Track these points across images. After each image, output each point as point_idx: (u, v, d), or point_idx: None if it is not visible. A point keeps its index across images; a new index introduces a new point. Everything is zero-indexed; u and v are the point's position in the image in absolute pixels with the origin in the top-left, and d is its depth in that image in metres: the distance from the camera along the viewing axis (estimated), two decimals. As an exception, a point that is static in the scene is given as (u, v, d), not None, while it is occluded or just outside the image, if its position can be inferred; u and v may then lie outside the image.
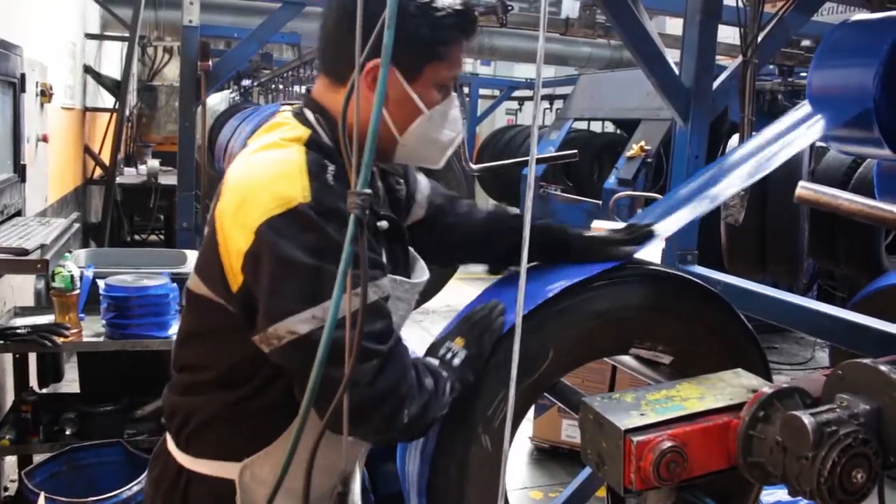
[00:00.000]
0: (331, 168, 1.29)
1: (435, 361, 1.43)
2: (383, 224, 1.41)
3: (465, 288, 5.36)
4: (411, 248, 1.59)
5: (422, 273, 1.57)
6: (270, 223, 1.21)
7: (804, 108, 1.98)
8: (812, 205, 1.14)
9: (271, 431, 1.37)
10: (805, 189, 1.12)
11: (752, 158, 1.90)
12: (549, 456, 4.30)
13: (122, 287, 3.00)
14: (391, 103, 1.35)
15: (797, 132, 1.90)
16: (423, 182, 1.76)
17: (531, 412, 4.25)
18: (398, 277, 1.42)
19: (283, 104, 1.57)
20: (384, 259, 1.39)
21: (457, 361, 1.43)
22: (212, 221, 1.33)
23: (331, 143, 1.36)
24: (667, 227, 1.76)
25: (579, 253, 1.66)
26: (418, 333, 2.14)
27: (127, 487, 2.70)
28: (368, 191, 0.97)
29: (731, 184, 1.84)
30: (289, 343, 1.22)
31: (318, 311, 1.20)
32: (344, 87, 1.36)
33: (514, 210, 1.84)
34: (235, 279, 1.27)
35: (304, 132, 1.36)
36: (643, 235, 1.71)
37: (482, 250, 1.78)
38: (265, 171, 1.29)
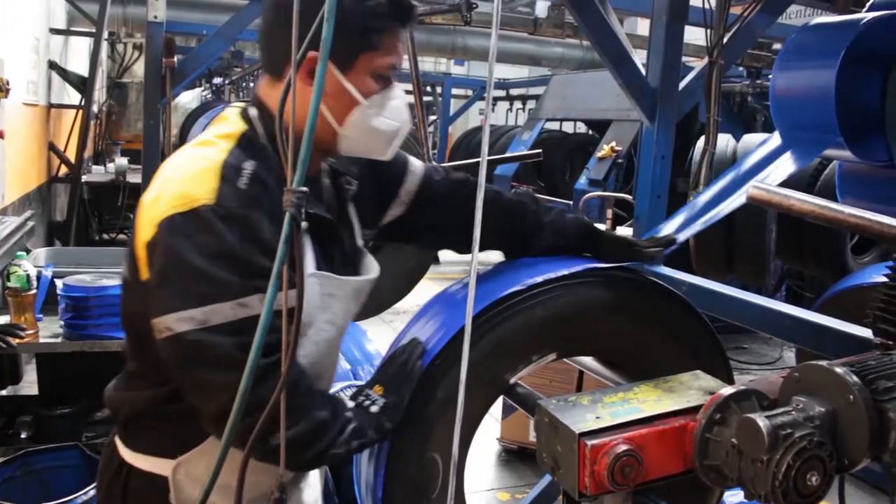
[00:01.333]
0: (248, 170, 1.28)
1: (350, 403, 1.39)
2: (303, 224, 1.36)
3: (436, 288, 5.32)
4: (362, 246, 1.58)
5: (367, 270, 1.55)
6: (171, 220, 1.23)
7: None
8: (764, 205, 1.13)
9: (198, 432, 1.34)
10: (757, 189, 1.11)
11: (767, 166, 1.92)
12: (516, 457, 4.29)
13: (81, 287, 2.94)
14: (328, 96, 1.33)
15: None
16: (415, 175, 1.72)
17: (499, 413, 4.24)
18: (327, 274, 1.40)
19: (239, 100, 1.55)
20: (309, 258, 1.37)
21: (374, 409, 1.40)
22: (137, 209, 1.35)
23: (265, 141, 1.36)
24: (684, 235, 1.91)
25: (605, 251, 1.73)
26: (388, 334, 2.12)
27: (83, 492, 2.63)
28: (305, 189, 0.94)
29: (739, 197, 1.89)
30: (165, 339, 1.22)
31: (198, 314, 1.19)
32: (281, 81, 1.36)
33: (540, 201, 1.83)
34: (144, 268, 1.29)
35: (240, 128, 1.37)
36: (666, 243, 1.84)
37: (505, 240, 1.79)
38: (183, 167, 1.31)
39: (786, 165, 1.87)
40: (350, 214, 1.57)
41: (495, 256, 1.83)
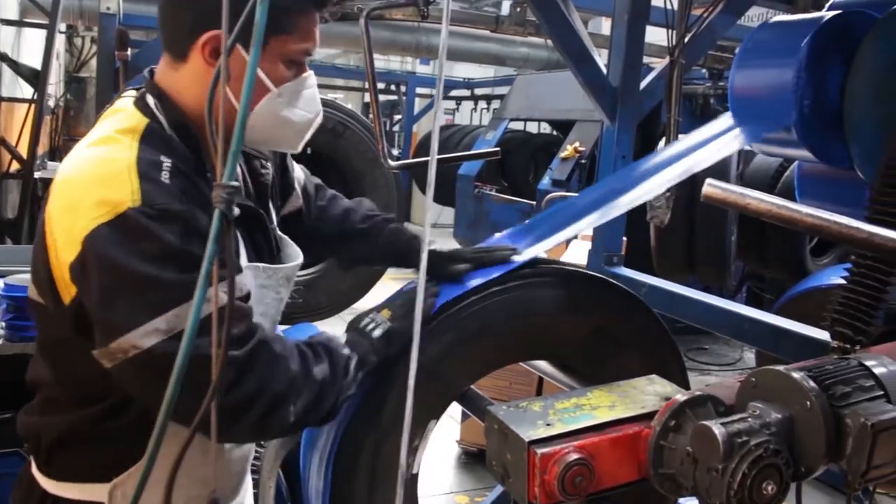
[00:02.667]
0: (166, 164, 1.18)
1: (342, 338, 1.35)
2: (235, 212, 1.30)
3: (396, 287, 5.27)
4: (280, 233, 1.51)
5: (292, 258, 1.48)
6: (97, 232, 1.11)
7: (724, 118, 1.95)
8: (719, 204, 1.09)
9: (140, 447, 1.24)
10: (712, 188, 1.07)
11: (666, 168, 1.85)
12: (476, 459, 4.24)
13: (23, 287, 2.82)
14: (233, 80, 1.19)
15: (719, 141, 1.87)
16: (297, 170, 1.68)
17: (458, 415, 4.19)
18: (261, 265, 1.34)
19: (127, 87, 1.44)
20: (241, 250, 1.31)
21: (377, 332, 1.36)
22: (41, 224, 1.21)
23: (171, 132, 1.25)
24: (532, 252, 1.65)
25: (415, 262, 1.57)
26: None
27: (23, 500, 2.53)
28: (236, 182, 0.88)
29: (645, 192, 1.80)
30: (133, 358, 1.11)
31: (162, 323, 1.10)
32: (183, 62, 1.27)
33: (368, 208, 1.75)
34: (67, 290, 1.16)
35: (141, 121, 1.24)
36: (494, 260, 1.61)
37: (334, 247, 1.74)
38: (91, 172, 1.17)
39: (720, 148, 1.81)
40: (268, 201, 1.50)
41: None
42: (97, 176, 1.16)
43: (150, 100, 1.28)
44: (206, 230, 1.14)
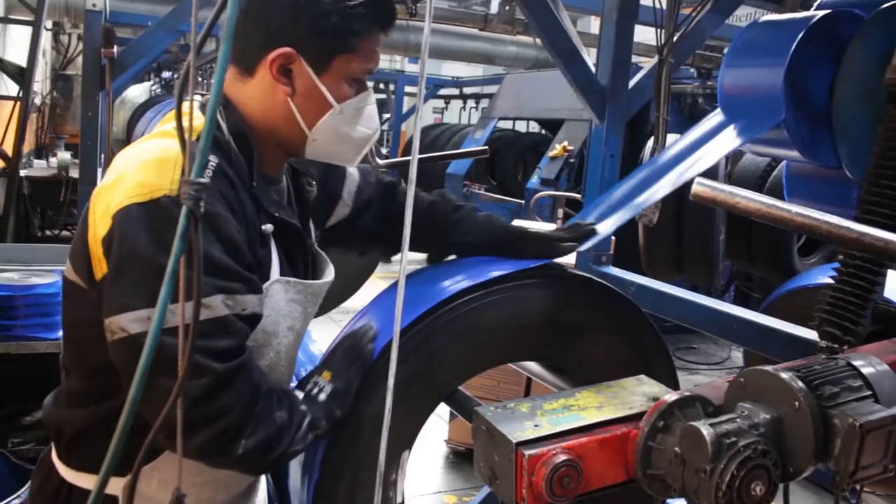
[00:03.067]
0: (212, 163, 1.20)
1: (300, 395, 1.34)
2: (268, 227, 1.32)
3: (384, 286, 5.26)
4: (318, 248, 1.53)
5: (326, 275, 1.50)
6: (128, 210, 1.14)
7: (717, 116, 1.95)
8: (708, 203, 1.09)
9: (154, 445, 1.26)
10: (701, 186, 1.06)
11: (683, 160, 1.86)
12: (464, 459, 4.23)
13: (7, 285, 2.81)
14: (298, 96, 1.29)
15: (726, 132, 1.87)
16: (353, 176, 1.68)
17: (446, 415, 4.19)
18: (293, 279, 1.34)
19: (197, 93, 1.47)
20: (274, 263, 1.32)
21: (322, 397, 1.34)
22: (88, 202, 1.24)
23: (229, 137, 1.28)
24: (607, 226, 1.72)
25: (515, 247, 1.63)
26: (336, 333, 2.05)
27: (6, 501, 2.51)
28: (203, 180, 0.87)
29: (664, 185, 1.80)
30: (118, 340, 1.13)
31: (153, 313, 1.10)
32: (250, 76, 1.31)
33: (454, 199, 1.75)
34: (100, 266, 1.19)
35: (201, 122, 1.25)
36: (584, 234, 1.70)
37: (421, 241, 1.68)
38: (142, 156, 1.21)
39: (717, 148, 1.83)
40: (309, 217, 1.52)
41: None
42: (146, 161, 1.19)
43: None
44: (232, 238, 1.18)
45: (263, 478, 1.68)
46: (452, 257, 1.72)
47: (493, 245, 1.65)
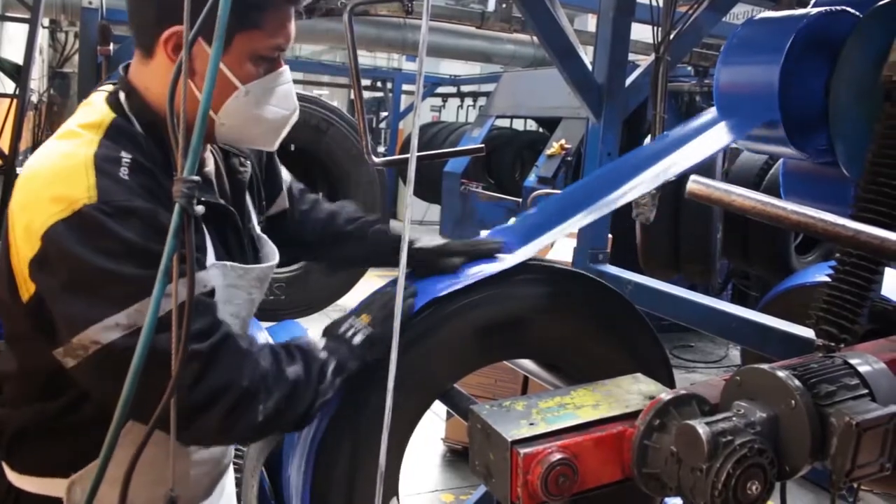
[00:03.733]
0: (126, 159, 1.16)
1: (320, 342, 1.32)
2: (199, 209, 1.28)
3: (380, 283, 5.25)
4: (259, 232, 1.49)
5: (268, 258, 1.47)
6: (55, 229, 1.10)
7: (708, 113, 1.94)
8: (704, 201, 1.08)
9: (99, 444, 1.23)
10: (696, 184, 1.06)
11: (652, 164, 1.83)
12: (461, 457, 4.23)
13: None
14: (198, 77, 1.19)
15: (716, 129, 1.86)
16: (284, 171, 1.67)
17: (443, 413, 4.18)
18: (229, 263, 1.31)
19: (105, 81, 1.43)
20: (209, 247, 1.28)
21: (358, 339, 1.32)
22: (6, 219, 1.20)
23: (139, 129, 1.23)
24: (524, 252, 1.59)
25: (411, 262, 1.55)
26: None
27: None
28: (196, 177, 0.86)
29: (637, 185, 1.77)
30: (93, 354, 1.10)
31: (123, 318, 1.09)
32: (150, 58, 1.24)
33: (352, 211, 1.74)
34: (27, 287, 1.15)
35: (107, 116, 1.23)
36: (480, 253, 1.58)
37: (319, 250, 1.72)
38: (49, 167, 1.17)
39: (702, 147, 1.79)
40: (245, 199, 1.47)
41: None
42: (54, 171, 1.15)
43: (121, 95, 1.26)
44: (167, 226, 1.13)
45: (231, 477, 1.67)
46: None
47: (385, 258, 1.64)
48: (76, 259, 1.09)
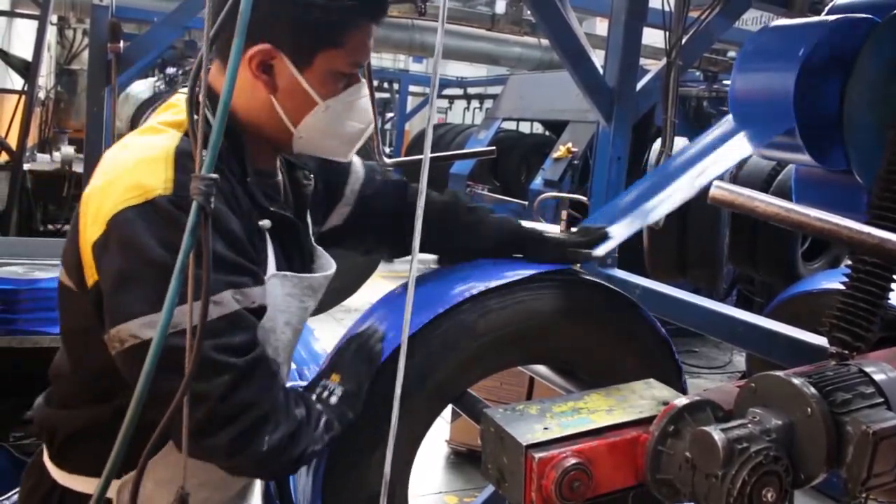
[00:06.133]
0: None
1: (311, 396, 1.32)
2: (265, 223, 1.29)
3: (387, 285, 5.25)
4: (315, 243, 1.50)
5: (323, 268, 1.47)
6: (123, 214, 1.10)
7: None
8: (727, 206, 1.08)
9: (156, 443, 1.24)
10: (720, 189, 1.06)
11: (694, 165, 1.85)
12: (465, 459, 4.23)
13: (11, 279, 2.80)
14: (281, 93, 1.25)
15: (738, 137, 1.87)
16: (357, 174, 1.65)
17: (448, 415, 4.18)
18: (289, 273, 1.32)
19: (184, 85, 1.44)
20: (270, 258, 1.29)
21: (333, 399, 1.32)
22: (77, 206, 1.21)
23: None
24: (620, 230, 1.71)
25: (533, 252, 1.61)
26: (338, 332, 2.05)
27: (6, 497, 2.50)
28: (214, 175, 0.86)
29: (678, 191, 1.80)
30: (129, 349, 1.10)
31: None
32: None
33: (467, 200, 1.76)
34: (91, 272, 1.16)
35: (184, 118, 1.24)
36: (598, 238, 1.67)
37: (433, 243, 1.67)
38: (131, 156, 1.18)
39: (729, 154, 1.82)
40: (306, 211, 1.49)
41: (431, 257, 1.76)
42: (136, 160, 1.16)
43: (202, 99, 1.28)
44: (233, 233, 1.15)
45: (258, 480, 1.67)
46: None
47: (507, 250, 1.63)
48: (138, 247, 1.09)
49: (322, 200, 1.59)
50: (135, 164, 1.15)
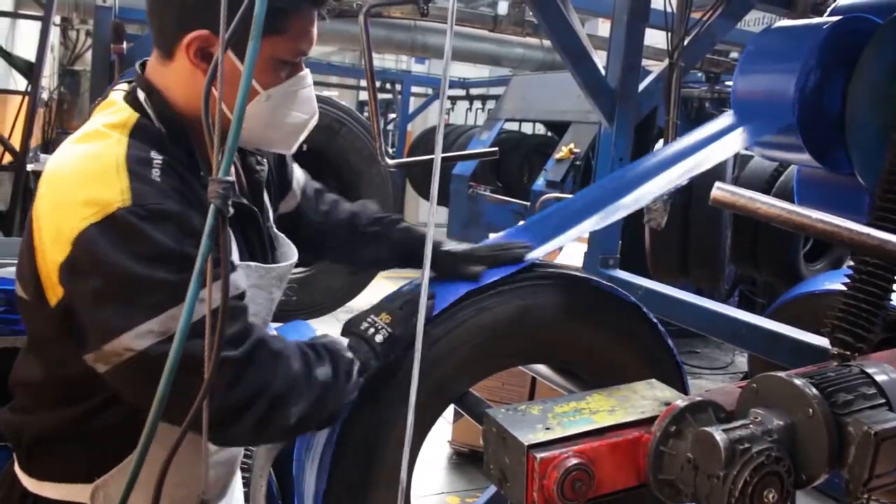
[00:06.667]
0: (157, 161, 1.14)
1: (343, 340, 1.32)
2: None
3: (390, 286, 5.24)
4: (276, 230, 1.48)
5: (287, 257, 1.45)
6: (86, 234, 1.07)
7: (723, 118, 1.95)
8: (728, 207, 1.08)
9: (123, 448, 1.23)
10: (721, 191, 1.06)
11: (667, 168, 1.84)
12: (467, 460, 4.23)
13: (14, 279, 2.80)
14: (224, 82, 1.17)
15: (731, 135, 1.86)
16: (297, 171, 1.66)
17: (450, 416, 4.18)
18: (253, 264, 1.30)
19: (120, 80, 1.42)
20: (234, 249, 1.27)
21: (379, 338, 1.32)
22: (28, 221, 1.18)
23: (162, 128, 1.22)
24: (544, 249, 1.63)
25: (435, 265, 1.54)
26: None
27: None
28: (230, 178, 0.86)
29: (651, 190, 1.78)
30: (127, 361, 1.08)
31: (156, 325, 1.07)
32: (171, 60, 1.23)
33: (374, 210, 1.72)
34: (54, 292, 1.13)
35: (131, 116, 1.21)
36: (509, 258, 1.57)
37: (343, 251, 1.71)
38: (79, 168, 1.14)
39: (721, 149, 1.81)
40: (264, 198, 1.46)
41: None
42: (86, 173, 1.13)
43: (141, 95, 1.25)
44: (200, 229, 1.11)
45: (239, 477, 1.67)
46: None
47: (407, 259, 1.62)
48: (110, 265, 1.07)
49: (275, 186, 1.57)
50: (86, 179, 1.12)
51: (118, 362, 1.09)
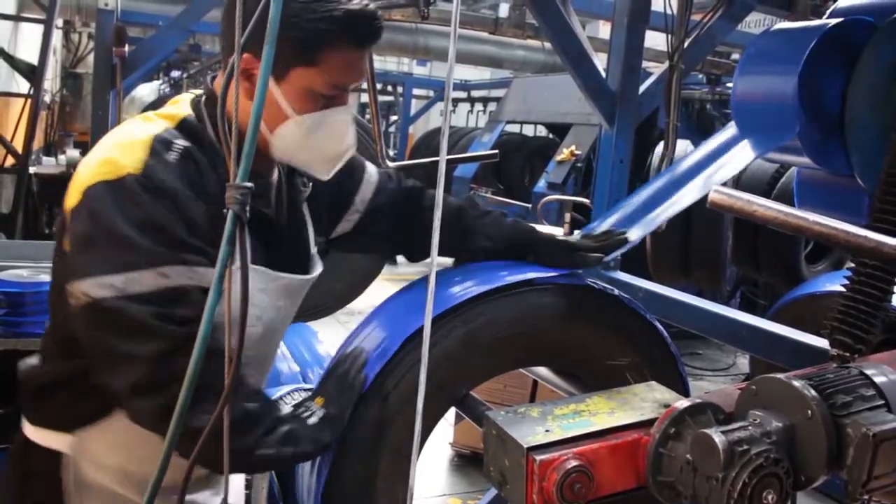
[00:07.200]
0: (178, 146, 1.26)
1: (287, 409, 1.34)
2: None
3: (391, 288, 5.25)
4: (315, 251, 1.55)
5: (309, 272, 1.52)
6: (96, 188, 1.20)
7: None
8: (726, 211, 1.08)
9: (103, 407, 1.32)
10: (719, 194, 1.06)
11: (705, 168, 1.87)
12: (469, 462, 4.23)
13: (17, 282, 2.81)
14: (249, 95, 1.29)
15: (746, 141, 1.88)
16: (370, 182, 1.67)
17: (452, 418, 4.18)
18: (259, 268, 1.34)
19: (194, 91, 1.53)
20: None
21: (312, 420, 1.33)
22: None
23: (212, 132, 1.32)
24: (634, 235, 1.75)
25: (544, 256, 1.63)
26: (342, 335, 2.05)
27: None
28: (249, 184, 0.89)
29: (688, 194, 1.82)
30: (82, 306, 1.18)
31: (118, 281, 1.16)
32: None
33: (482, 205, 1.77)
34: (67, 234, 1.25)
35: (183, 113, 1.34)
36: (615, 244, 1.70)
37: (448, 246, 1.64)
38: (115, 138, 1.28)
39: (739, 158, 1.83)
40: (304, 215, 1.53)
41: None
42: (118, 140, 1.26)
43: (201, 99, 1.37)
44: (193, 217, 1.22)
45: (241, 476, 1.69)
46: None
47: (519, 251, 1.65)
48: (103, 218, 1.18)
49: (328, 208, 1.62)
50: (115, 144, 1.25)
51: (76, 305, 1.19)
